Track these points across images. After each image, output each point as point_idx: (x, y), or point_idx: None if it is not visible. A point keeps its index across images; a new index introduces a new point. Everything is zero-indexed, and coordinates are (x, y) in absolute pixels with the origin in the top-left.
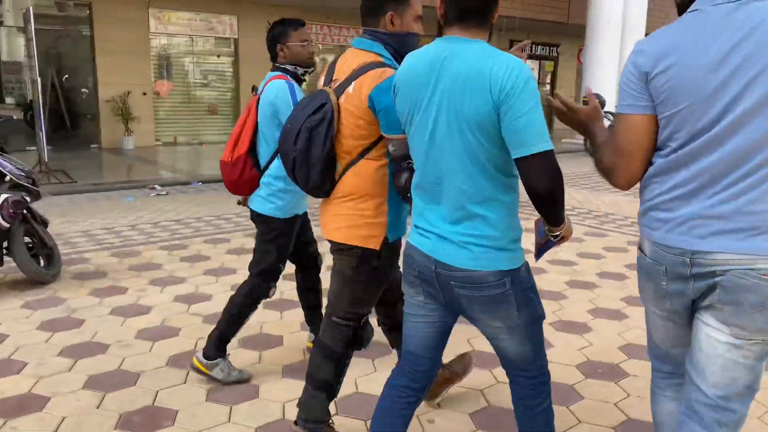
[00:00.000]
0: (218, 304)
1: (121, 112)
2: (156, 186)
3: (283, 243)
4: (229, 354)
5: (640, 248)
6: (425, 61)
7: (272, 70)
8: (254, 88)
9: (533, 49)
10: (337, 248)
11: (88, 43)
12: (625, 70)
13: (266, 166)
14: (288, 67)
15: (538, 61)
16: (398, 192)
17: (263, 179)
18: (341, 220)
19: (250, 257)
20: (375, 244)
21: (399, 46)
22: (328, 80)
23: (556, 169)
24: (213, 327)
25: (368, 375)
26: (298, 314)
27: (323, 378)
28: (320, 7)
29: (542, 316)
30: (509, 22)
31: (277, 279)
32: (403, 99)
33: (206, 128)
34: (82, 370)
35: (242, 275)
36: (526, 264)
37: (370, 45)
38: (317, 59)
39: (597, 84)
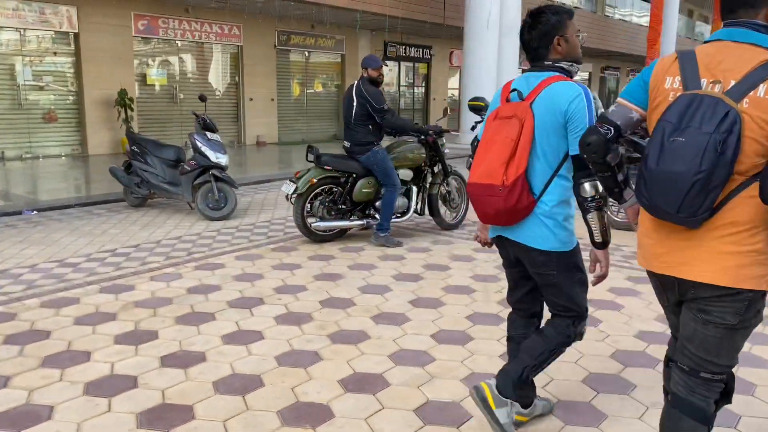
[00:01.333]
0: (66, 426)
1: None
2: None
3: (583, 277)
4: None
5: None
6: None
7: (539, 70)
8: (518, 93)
9: (407, 51)
10: (718, 294)
11: None
12: None
13: (544, 190)
14: (564, 64)
15: (411, 63)
16: None
17: (542, 208)
18: (727, 259)
19: (114, 326)
20: (766, 284)
21: None
22: (695, 82)
23: None
24: None
25: None
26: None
27: None
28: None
29: None
30: (392, 23)
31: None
32: None
33: (43, 139)
34: None
35: (102, 365)
36: None
37: (762, 39)
38: (185, 57)
39: (476, 85)
